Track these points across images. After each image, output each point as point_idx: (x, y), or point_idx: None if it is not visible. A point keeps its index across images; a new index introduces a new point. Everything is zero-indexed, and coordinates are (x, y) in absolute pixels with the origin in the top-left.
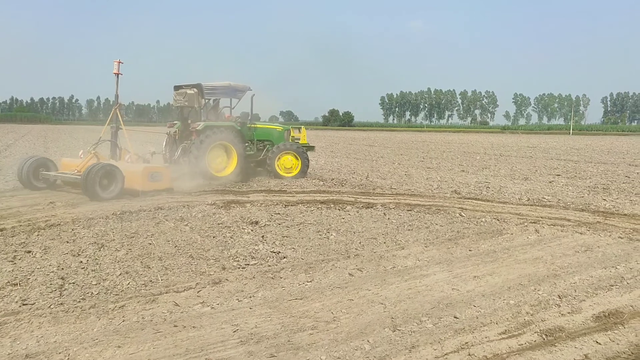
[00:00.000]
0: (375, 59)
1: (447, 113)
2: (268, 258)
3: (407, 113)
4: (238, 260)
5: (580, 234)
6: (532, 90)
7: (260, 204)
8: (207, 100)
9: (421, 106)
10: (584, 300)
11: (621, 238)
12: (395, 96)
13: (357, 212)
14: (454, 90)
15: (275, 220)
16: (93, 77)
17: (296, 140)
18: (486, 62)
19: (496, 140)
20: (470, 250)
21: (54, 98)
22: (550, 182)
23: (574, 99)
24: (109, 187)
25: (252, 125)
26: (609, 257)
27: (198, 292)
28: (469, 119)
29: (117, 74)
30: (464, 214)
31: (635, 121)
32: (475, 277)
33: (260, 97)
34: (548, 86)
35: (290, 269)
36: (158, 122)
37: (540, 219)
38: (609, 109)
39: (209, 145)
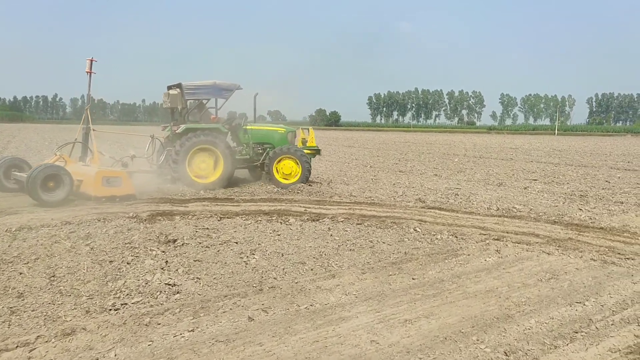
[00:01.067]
0: (363, 59)
1: (434, 113)
2: (157, 293)
3: (395, 113)
4: (118, 297)
5: (548, 254)
6: (519, 90)
7: (192, 216)
8: (193, 101)
9: (408, 106)
10: None
11: (594, 260)
12: (382, 96)
13: (300, 226)
14: (441, 90)
15: (197, 238)
16: (77, 75)
17: (304, 142)
18: (473, 62)
19: (480, 141)
20: (413, 279)
21: (37, 96)
22: (525, 188)
23: (559, 100)
24: (54, 190)
25: (248, 127)
26: (577, 288)
27: (31, 351)
28: (456, 119)
29: (90, 73)
30: (419, 229)
31: (620, 122)
32: (406, 321)
33: (246, 96)
34: (535, 87)
35: (177, 311)
36: (143, 121)
37: (506, 234)
38: (594, 109)
39: (189, 149)
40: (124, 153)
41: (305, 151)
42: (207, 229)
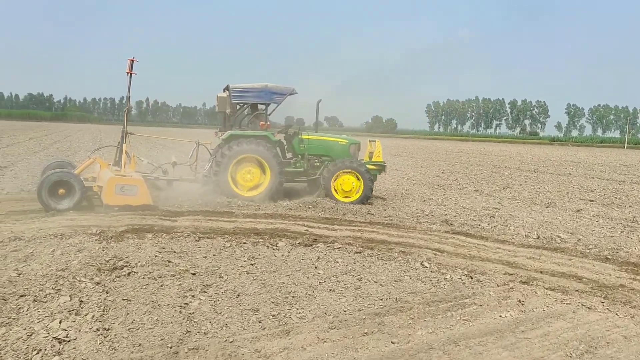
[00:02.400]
0: (422, 67)
1: (495, 122)
2: (32, 354)
3: (454, 122)
4: None
5: (589, 309)
6: (587, 100)
7: (168, 234)
8: (242, 105)
9: (468, 115)
10: None
11: None
12: (442, 104)
13: (287, 252)
14: (503, 99)
15: (151, 265)
16: (142, 78)
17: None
18: (538, 71)
19: (540, 153)
20: (392, 343)
21: (105, 98)
22: (577, 211)
23: (630, 111)
24: (64, 197)
25: (305, 137)
26: None
27: None
28: (518, 129)
29: (130, 74)
30: (429, 263)
31: None
32: None
33: (302, 101)
34: (604, 97)
35: None
36: (203, 124)
37: (538, 275)
38: None
39: (232, 158)
40: (163, 159)
41: (369, 166)
42: (174, 252)
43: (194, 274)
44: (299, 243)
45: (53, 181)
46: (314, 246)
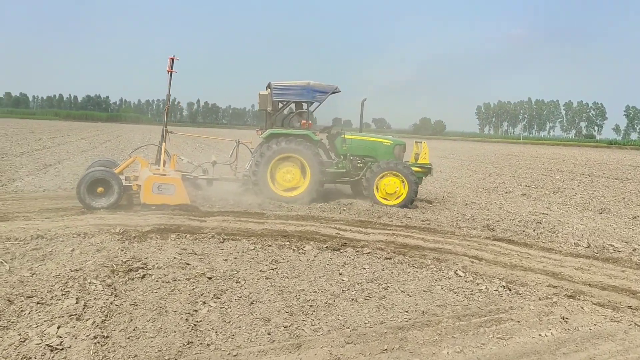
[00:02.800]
0: (473, 67)
1: (548, 125)
2: None
3: (505, 124)
4: None
5: None
6: None
7: (192, 235)
8: (284, 103)
9: (520, 117)
10: None
11: None
12: (492, 106)
13: (314, 256)
14: (557, 101)
15: (167, 268)
16: (194, 80)
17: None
18: (595, 71)
19: (596, 156)
20: None
21: (158, 100)
22: (634, 217)
23: None
24: (102, 195)
25: (348, 137)
26: None
27: None
28: (573, 131)
29: (171, 72)
30: (465, 271)
31: None
32: None
33: (347, 100)
34: None
35: None
36: (252, 125)
37: (586, 289)
38: None
39: (271, 158)
40: (203, 158)
41: (415, 169)
42: (195, 254)
43: (210, 278)
44: (326, 247)
45: (92, 179)
46: (342, 251)
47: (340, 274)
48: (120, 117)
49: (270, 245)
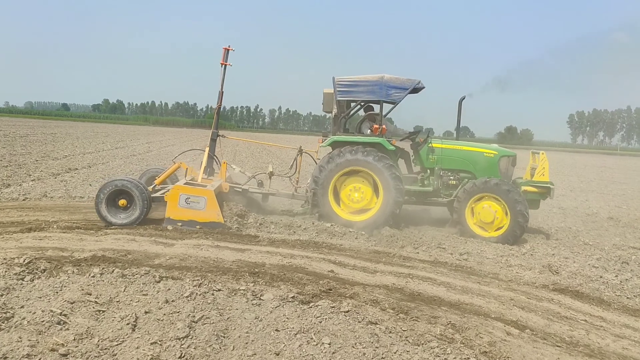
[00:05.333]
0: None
1: None
2: None
3: (601, 134)
4: None
5: None
6: None
7: (131, 270)
8: (355, 105)
9: (618, 126)
10: None
11: None
12: (587, 114)
13: (266, 314)
14: None
15: (18, 330)
16: (276, 89)
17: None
18: None
19: None
20: None
21: (242, 107)
22: None
23: None
24: (125, 210)
25: (436, 145)
26: None
27: None
28: None
29: (225, 65)
30: (490, 355)
31: None
32: None
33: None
34: None
35: None
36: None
37: None
38: None
39: (333, 172)
40: (259, 166)
41: (527, 188)
42: (95, 302)
43: (64, 356)
44: (294, 297)
45: (113, 188)
46: (313, 304)
47: (277, 355)
48: (205, 123)
49: (219, 290)
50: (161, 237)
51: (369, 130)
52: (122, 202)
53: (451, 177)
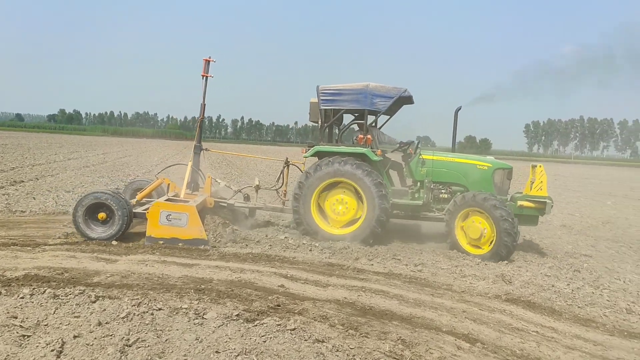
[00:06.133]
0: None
1: (602, 144)
2: None
3: (555, 143)
4: None
5: None
6: None
7: (64, 291)
8: (335, 113)
9: (571, 136)
10: None
11: None
12: (542, 124)
13: (208, 334)
14: (611, 119)
15: None
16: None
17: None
18: None
19: None
20: None
21: (205, 117)
22: None
23: None
24: (104, 224)
25: (427, 157)
26: None
27: None
28: (629, 151)
29: (206, 77)
30: None
31: None
32: None
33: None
34: None
35: None
36: (295, 143)
37: None
38: None
39: (317, 182)
40: (244, 180)
41: (524, 203)
42: (20, 327)
43: None
44: (239, 314)
45: (93, 201)
46: (258, 322)
47: None
48: (166, 133)
49: (159, 309)
50: (104, 253)
51: (355, 140)
52: (101, 215)
53: (442, 191)
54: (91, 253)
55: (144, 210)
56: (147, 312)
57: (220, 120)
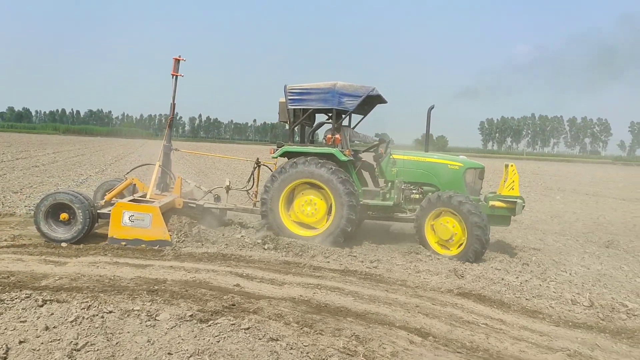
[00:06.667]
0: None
1: (552, 141)
2: None
3: (508, 139)
4: None
5: None
6: None
7: (9, 295)
8: (303, 113)
9: (524, 133)
10: None
11: None
12: (496, 121)
13: (160, 335)
14: (561, 116)
15: None
16: (196, 95)
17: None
18: (600, 87)
19: (602, 174)
20: None
21: (160, 115)
22: None
23: None
24: (66, 224)
25: (397, 157)
26: None
27: None
28: (578, 147)
29: (176, 75)
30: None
31: None
32: None
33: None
34: None
35: None
36: (254, 140)
37: None
38: None
39: (285, 183)
40: (216, 180)
41: (495, 204)
42: None
43: None
44: (192, 315)
45: (54, 202)
46: (212, 322)
47: None
48: (121, 131)
49: (110, 312)
50: (53, 256)
51: (324, 140)
52: (63, 216)
53: (414, 191)
54: (39, 255)
55: (108, 211)
56: (97, 315)
57: (178, 118)
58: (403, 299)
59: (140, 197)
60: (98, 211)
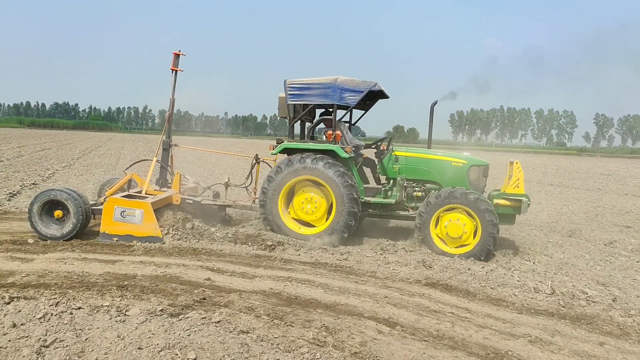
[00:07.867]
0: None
1: (520, 132)
2: None
3: (478, 131)
4: None
5: None
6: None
7: None
8: (304, 108)
9: (492, 125)
10: None
11: None
12: (465, 114)
13: (133, 328)
14: (528, 109)
15: None
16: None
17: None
18: (565, 80)
19: (566, 164)
20: None
21: (129, 107)
22: (609, 243)
23: None
24: (60, 222)
25: (400, 153)
26: None
27: None
28: (544, 139)
29: (175, 70)
30: (360, 356)
31: None
32: None
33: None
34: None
35: None
36: (225, 134)
37: None
38: None
39: (285, 181)
40: (215, 177)
41: (500, 202)
42: None
43: None
44: (163, 309)
45: (48, 199)
46: (182, 317)
47: None
48: (88, 125)
49: (79, 308)
50: (19, 252)
51: (324, 136)
52: (57, 213)
53: (416, 188)
54: (5, 252)
55: (98, 207)
56: (65, 311)
57: (147, 110)
58: (372, 290)
59: (136, 192)
60: (92, 207)
